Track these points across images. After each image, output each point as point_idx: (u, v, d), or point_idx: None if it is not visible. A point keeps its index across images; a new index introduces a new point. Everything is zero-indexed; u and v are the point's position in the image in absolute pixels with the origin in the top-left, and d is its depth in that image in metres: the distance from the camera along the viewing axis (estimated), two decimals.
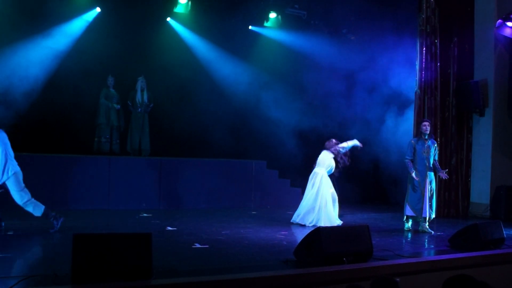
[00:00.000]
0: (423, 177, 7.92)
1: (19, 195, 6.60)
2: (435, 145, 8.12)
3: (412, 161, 7.98)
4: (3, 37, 9.57)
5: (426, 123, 8.05)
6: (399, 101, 10.81)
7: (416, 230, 8.04)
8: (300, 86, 12.14)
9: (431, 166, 8.00)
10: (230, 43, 11.84)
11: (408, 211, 8.00)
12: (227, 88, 11.89)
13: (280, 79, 12.07)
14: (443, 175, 8.01)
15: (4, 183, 6.59)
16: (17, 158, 7.93)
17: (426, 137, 7.99)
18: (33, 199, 6.69)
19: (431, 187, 7.98)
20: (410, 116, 10.22)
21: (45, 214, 6.73)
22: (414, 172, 7.86)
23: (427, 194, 7.90)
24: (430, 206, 7.94)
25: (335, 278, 4.93)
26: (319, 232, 5.25)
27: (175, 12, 11.61)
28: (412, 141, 8.09)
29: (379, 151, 10.78)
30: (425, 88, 10.08)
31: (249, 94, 11.76)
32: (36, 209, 6.68)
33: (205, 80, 11.78)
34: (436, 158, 8.13)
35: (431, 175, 8.01)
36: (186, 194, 10.22)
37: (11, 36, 9.64)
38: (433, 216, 8.05)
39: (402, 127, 10.41)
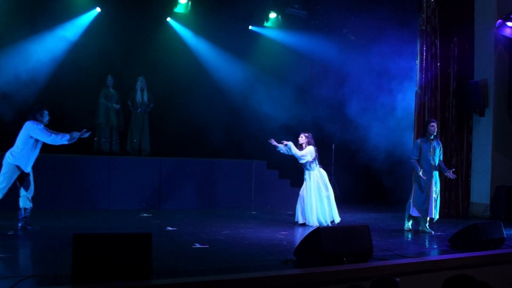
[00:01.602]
0: (429, 178, 7.89)
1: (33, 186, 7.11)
2: (440, 145, 8.12)
3: (418, 161, 7.96)
4: (2, 37, 9.58)
5: (434, 124, 8.02)
6: (399, 101, 10.80)
7: (416, 230, 8.03)
8: (300, 86, 12.13)
9: (437, 166, 8.00)
10: (230, 43, 11.83)
11: (413, 211, 7.96)
12: (227, 88, 11.89)
13: (280, 79, 12.06)
14: (450, 174, 8.03)
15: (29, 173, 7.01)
16: None
17: (432, 137, 7.99)
18: None
19: (436, 188, 7.98)
20: (410, 115, 10.22)
21: (27, 211, 6.92)
22: (421, 171, 7.84)
23: (433, 195, 7.90)
24: (435, 207, 7.94)
25: (335, 278, 4.92)
26: (319, 232, 5.25)
27: (175, 12, 11.60)
28: (419, 141, 8.07)
29: (379, 151, 10.78)
30: (425, 88, 10.08)
31: (249, 94, 11.76)
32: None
33: (205, 80, 11.78)
34: (441, 158, 8.14)
35: (436, 175, 8.00)
36: (186, 194, 10.22)
37: (10, 36, 9.64)
38: (437, 217, 8.04)
39: (402, 126, 10.41)
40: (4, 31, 9.63)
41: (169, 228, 7.46)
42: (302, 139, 8.48)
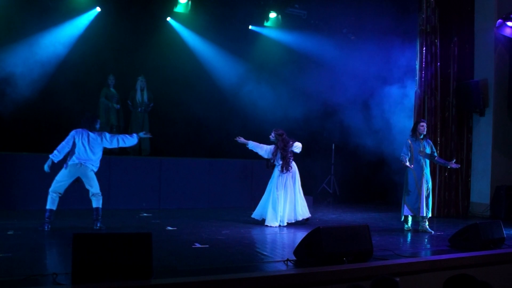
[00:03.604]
0: (420, 177, 7.95)
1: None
2: (430, 143, 8.18)
3: (409, 159, 7.99)
4: (2, 36, 9.58)
5: (424, 124, 8.09)
6: (399, 101, 10.81)
7: (416, 230, 8.04)
8: (300, 86, 12.13)
9: (428, 166, 8.03)
10: (230, 43, 11.84)
11: (406, 211, 8.01)
12: (227, 88, 11.89)
13: (281, 79, 12.06)
14: (454, 165, 8.14)
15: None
16: (17, 157, 7.96)
17: (422, 137, 8.03)
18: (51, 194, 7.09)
19: (427, 186, 8.00)
20: (410, 115, 10.22)
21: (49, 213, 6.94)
22: (408, 162, 7.85)
23: (424, 193, 7.92)
24: (427, 205, 7.96)
25: (335, 278, 4.92)
26: (319, 232, 5.25)
27: (175, 12, 11.60)
28: (409, 140, 8.10)
29: (379, 150, 10.78)
30: (425, 87, 10.09)
31: (249, 94, 11.75)
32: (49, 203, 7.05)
33: (205, 79, 11.78)
34: (436, 154, 8.22)
35: (427, 174, 8.03)
36: (186, 194, 10.22)
37: (10, 36, 9.64)
38: (429, 215, 8.07)
39: (402, 126, 10.41)
40: (3, 31, 9.62)
41: (169, 228, 7.46)
42: (272, 136, 8.40)
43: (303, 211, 8.36)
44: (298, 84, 12.10)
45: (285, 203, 8.18)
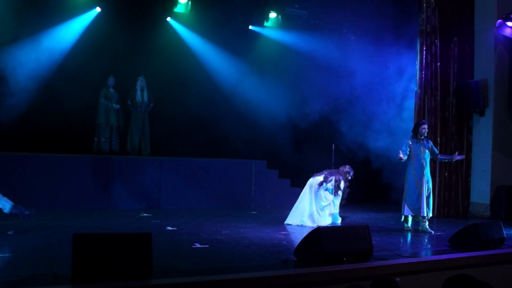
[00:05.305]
0: (420, 176, 7.96)
1: None
2: (430, 144, 8.19)
3: (407, 158, 8.00)
4: (3, 36, 9.59)
5: (425, 126, 8.08)
6: (399, 101, 10.81)
7: (416, 230, 8.04)
8: (300, 86, 12.13)
9: (428, 165, 8.03)
10: (230, 43, 11.83)
11: (407, 211, 8.01)
12: (227, 88, 11.88)
13: (281, 79, 12.06)
14: (458, 157, 8.28)
15: None
16: (17, 158, 7.96)
17: (422, 137, 8.03)
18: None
19: (428, 186, 8.01)
20: (410, 115, 10.22)
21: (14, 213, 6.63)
22: (401, 154, 7.84)
23: (424, 193, 7.93)
24: (427, 205, 7.97)
25: (335, 278, 4.92)
26: (319, 232, 5.25)
27: (175, 12, 11.60)
28: (409, 141, 8.10)
29: (379, 150, 10.78)
30: (425, 88, 10.09)
31: (249, 94, 11.76)
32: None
33: (205, 80, 11.78)
34: (437, 152, 8.29)
35: (427, 174, 8.04)
36: (186, 194, 10.22)
37: (10, 36, 9.64)
38: (430, 215, 8.08)
39: (402, 126, 10.42)
40: (2, 31, 9.62)
41: (169, 228, 7.46)
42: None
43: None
44: (298, 84, 12.10)
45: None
